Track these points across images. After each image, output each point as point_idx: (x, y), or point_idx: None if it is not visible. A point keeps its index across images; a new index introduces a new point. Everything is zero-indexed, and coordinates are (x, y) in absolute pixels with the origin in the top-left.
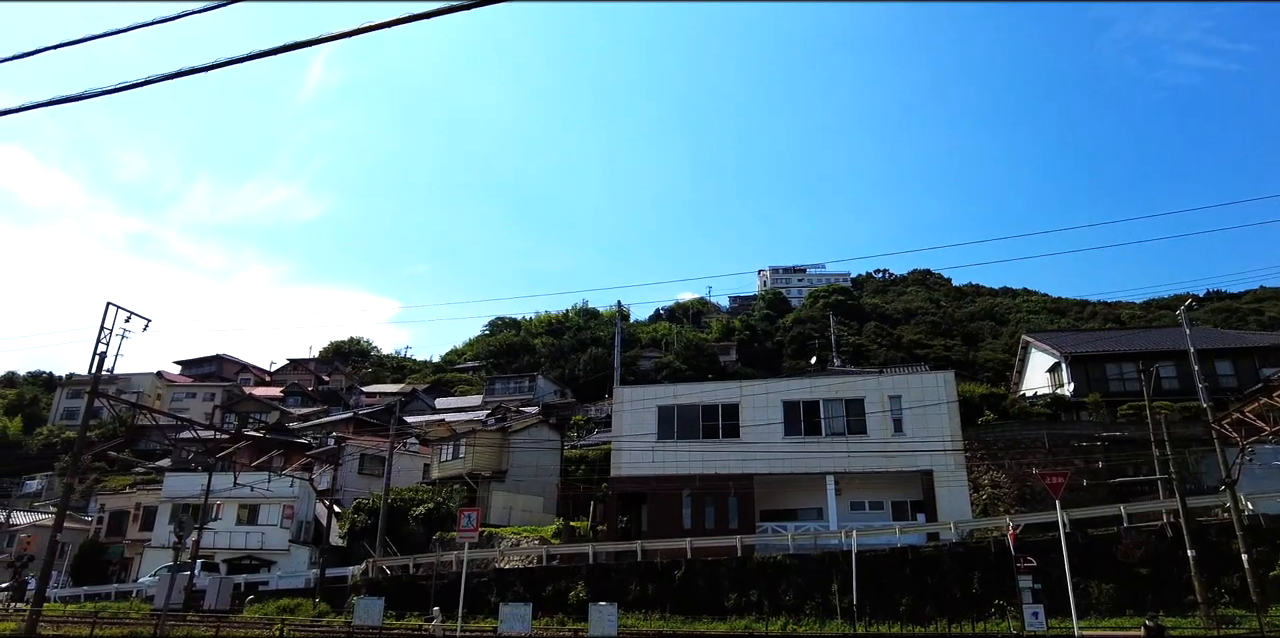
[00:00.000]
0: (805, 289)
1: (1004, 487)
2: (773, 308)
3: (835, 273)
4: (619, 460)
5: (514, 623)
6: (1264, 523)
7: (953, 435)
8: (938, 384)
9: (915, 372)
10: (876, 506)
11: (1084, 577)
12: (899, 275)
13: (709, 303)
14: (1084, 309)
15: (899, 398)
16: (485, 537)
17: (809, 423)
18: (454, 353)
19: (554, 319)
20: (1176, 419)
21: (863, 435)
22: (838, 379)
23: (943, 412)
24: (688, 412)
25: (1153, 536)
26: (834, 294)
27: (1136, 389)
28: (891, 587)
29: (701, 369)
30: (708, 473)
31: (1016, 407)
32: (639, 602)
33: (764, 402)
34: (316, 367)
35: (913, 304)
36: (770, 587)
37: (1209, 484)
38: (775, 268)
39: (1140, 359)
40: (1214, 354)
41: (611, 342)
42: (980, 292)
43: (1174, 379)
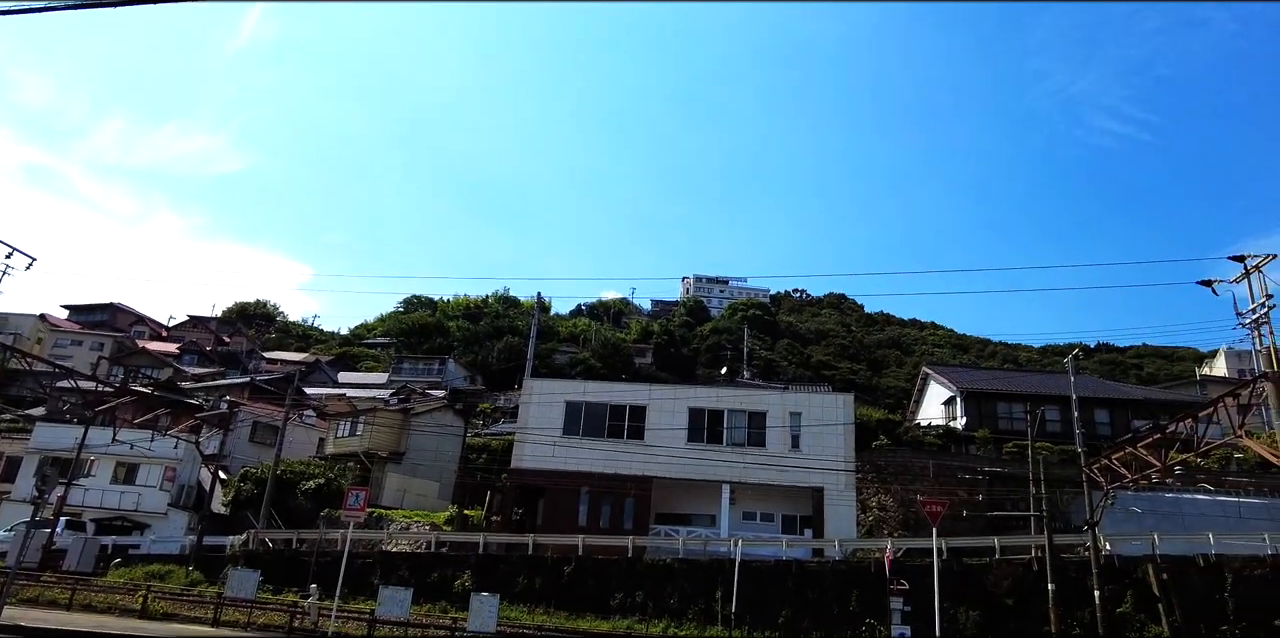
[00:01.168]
0: (726, 301)
1: (890, 510)
2: (693, 316)
3: (756, 288)
4: (521, 452)
5: (392, 607)
6: (1118, 563)
7: (846, 456)
8: (837, 405)
9: (818, 391)
10: (768, 518)
11: (955, 603)
12: (816, 297)
13: (631, 304)
14: (985, 348)
15: (800, 415)
16: (375, 518)
17: (712, 432)
18: (364, 327)
19: (473, 303)
20: (1055, 461)
21: (761, 448)
22: (744, 392)
23: (839, 432)
24: (596, 410)
25: (1021, 568)
26: (752, 309)
27: (1023, 429)
28: (773, 598)
29: (616, 369)
30: (608, 472)
31: (910, 434)
32: (525, 595)
33: (671, 407)
34: (218, 327)
35: (825, 326)
36: (657, 589)
37: (1076, 524)
38: (699, 277)
39: (1029, 401)
40: (1094, 403)
41: (529, 332)
42: (890, 321)
43: (1058, 422)
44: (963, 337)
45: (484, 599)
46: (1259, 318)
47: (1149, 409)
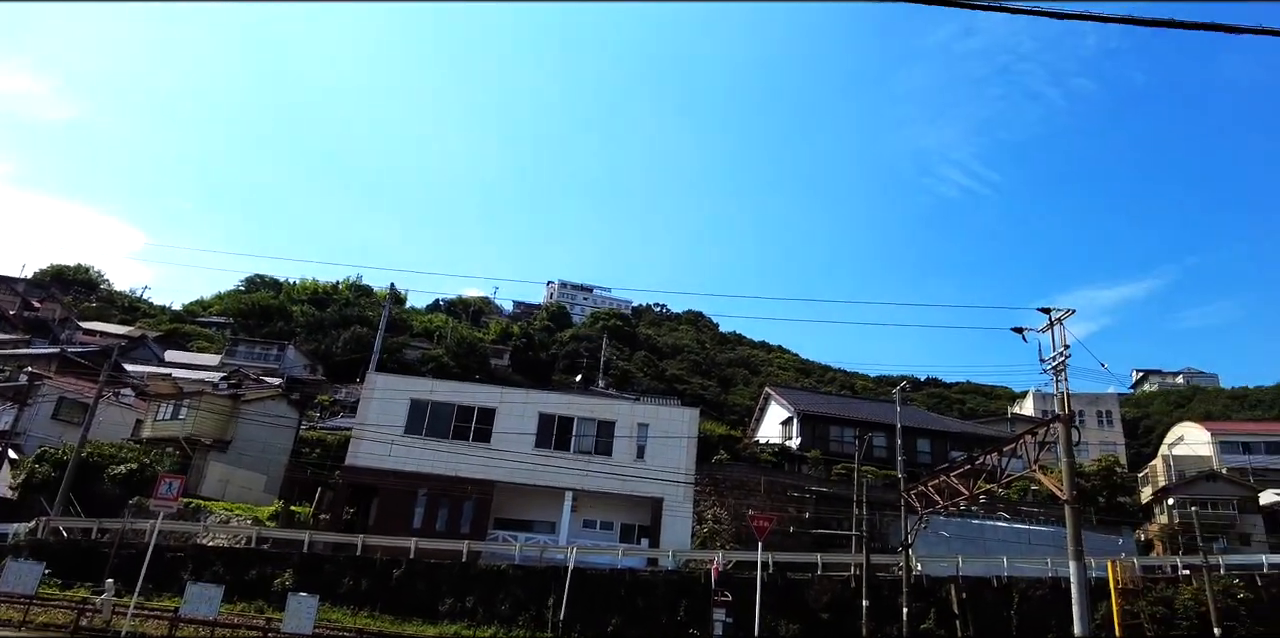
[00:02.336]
0: (589, 308)
1: (724, 523)
2: (554, 321)
3: (619, 299)
4: (358, 449)
5: (200, 605)
6: (926, 583)
7: (687, 469)
8: (684, 419)
9: (667, 404)
10: (607, 526)
11: (777, 615)
12: (675, 313)
13: (492, 304)
14: (826, 373)
15: (647, 426)
16: (191, 509)
17: (560, 438)
18: (199, 304)
19: (321, 288)
20: (878, 484)
21: (608, 457)
22: (596, 400)
23: (683, 445)
24: (442, 409)
25: (840, 584)
26: (614, 319)
27: (853, 452)
28: (605, 606)
29: (470, 369)
30: (449, 474)
31: (748, 451)
32: (350, 597)
33: (522, 411)
34: (27, 289)
35: (682, 341)
36: (489, 595)
37: (893, 545)
38: (565, 283)
39: (860, 426)
40: (918, 432)
41: (379, 323)
42: (742, 341)
43: (884, 448)
44: (807, 362)
45: (302, 599)
46: (1057, 365)
47: (966, 441)
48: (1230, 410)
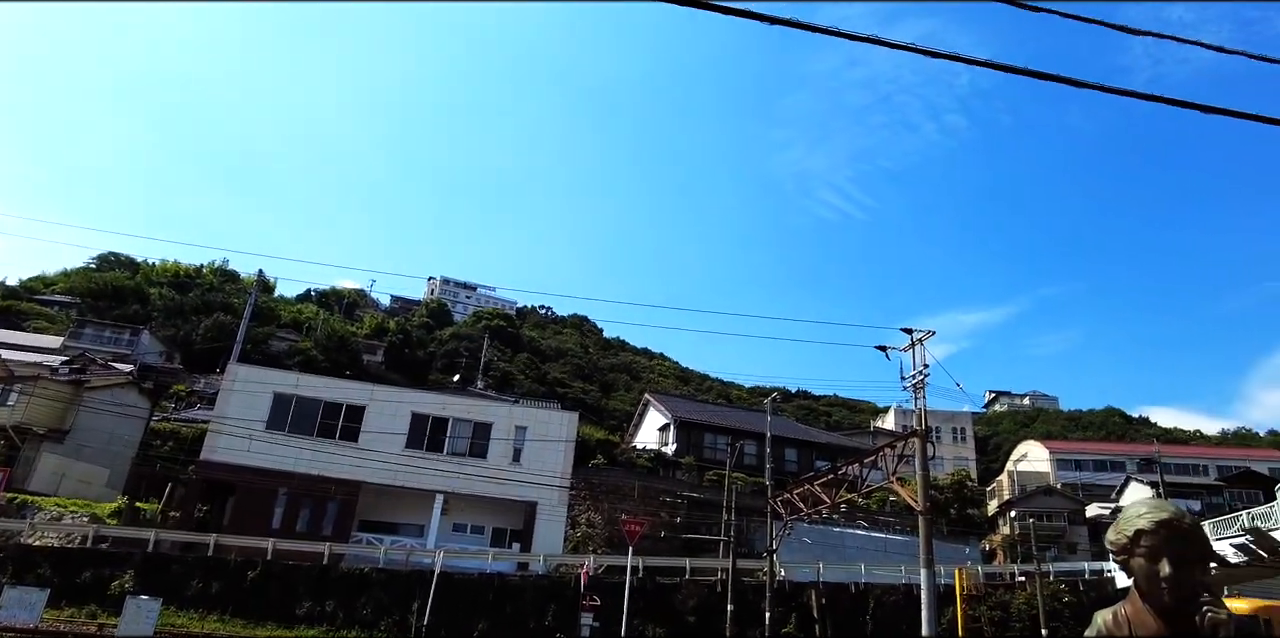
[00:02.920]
0: (471, 307)
1: (598, 528)
2: (434, 318)
3: (504, 299)
4: (215, 443)
5: (18, 611)
6: (788, 588)
7: (564, 473)
8: (562, 423)
9: (546, 408)
10: (478, 530)
11: (645, 619)
12: (560, 316)
13: (368, 297)
14: (705, 382)
15: (525, 429)
16: (15, 505)
17: (433, 439)
18: (41, 280)
19: (183, 271)
20: (748, 491)
21: (482, 460)
22: (473, 401)
23: (560, 449)
24: (308, 405)
25: (707, 588)
26: (497, 319)
27: (725, 459)
28: (472, 611)
29: (341, 365)
30: (313, 473)
31: (625, 456)
32: (199, 600)
33: (393, 410)
34: None
35: (565, 345)
36: (350, 599)
37: (758, 550)
38: (448, 279)
39: (733, 434)
40: (786, 442)
41: (244, 311)
42: (625, 347)
43: (754, 456)
44: (687, 370)
45: (142, 602)
46: (917, 383)
47: (831, 452)
48: (1067, 431)
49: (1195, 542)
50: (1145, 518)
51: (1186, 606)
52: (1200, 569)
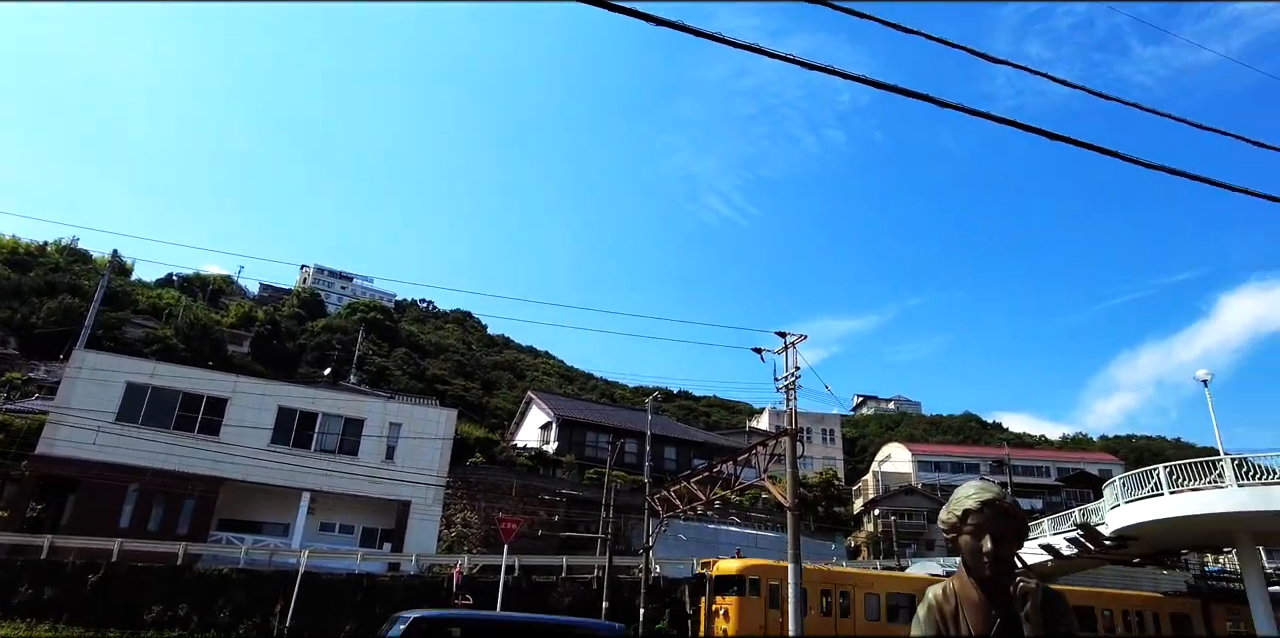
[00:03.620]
0: (346, 298)
1: (474, 527)
2: (306, 308)
3: (381, 291)
4: (55, 435)
5: None
6: (663, 584)
7: (440, 471)
8: (440, 420)
9: (423, 404)
10: (347, 529)
11: None
12: (442, 310)
13: (235, 284)
14: (589, 381)
15: (400, 426)
16: None
17: (301, 434)
18: None
19: (24, 248)
20: (627, 489)
21: (353, 457)
22: (345, 396)
23: (437, 447)
24: (165, 396)
25: (583, 586)
26: (374, 311)
27: (606, 457)
28: (339, 613)
29: (203, 355)
30: (169, 469)
31: (505, 454)
32: (29, 608)
33: (259, 403)
34: None
35: (447, 341)
36: (207, 602)
37: (635, 547)
38: (322, 268)
39: (614, 433)
40: (666, 440)
41: (95, 293)
42: (509, 345)
43: (635, 455)
44: (571, 369)
45: None
46: (789, 384)
47: (709, 451)
48: (928, 434)
49: (1014, 520)
50: (972, 499)
51: (1004, 578)
52: (1018, 545)
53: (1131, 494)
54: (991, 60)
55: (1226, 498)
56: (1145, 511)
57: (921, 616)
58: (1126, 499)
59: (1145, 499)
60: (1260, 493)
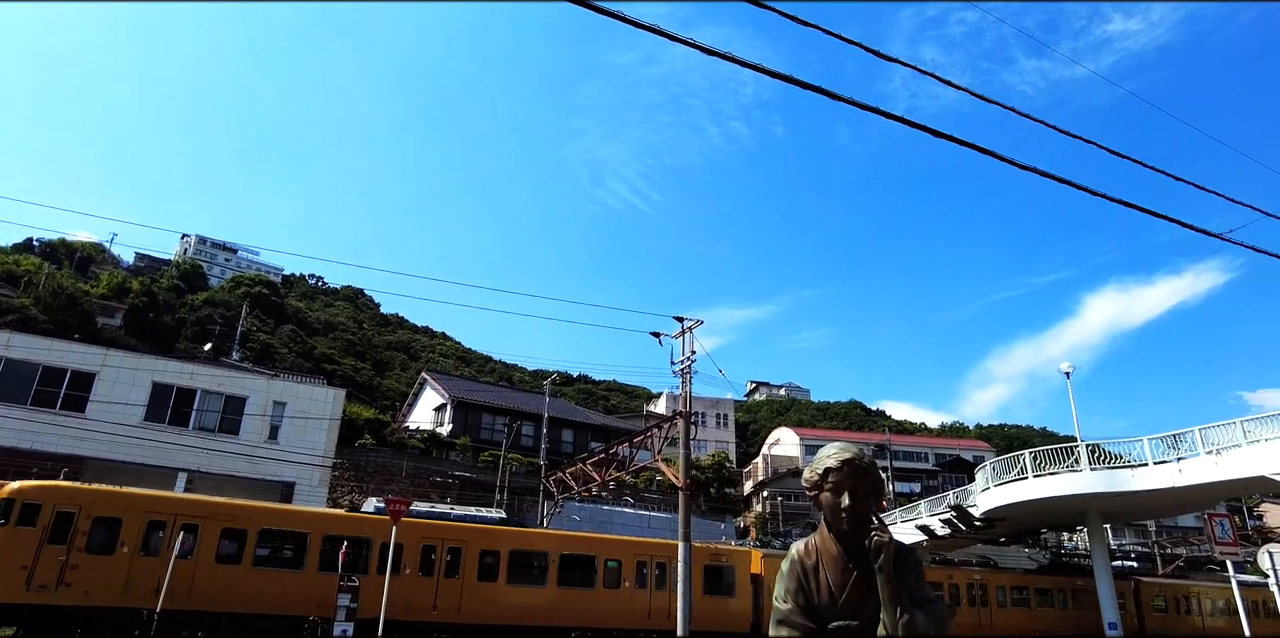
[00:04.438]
0: (230, 271)
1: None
2: (186, 280)
3: (269, 264)
4: None
5: None
6: None
7: (327, 452)
8: (327, 400)
9: (310, 383)
10: None
11: None
12: (333, 287)
13: (107, 252)
14: (487, 364)
15: (285, 405)
16: None
17: (178, 412)
18: None
19: None
20: (523, 471)
21: (234, 436)
22: (226, 372)
23: (324, 427)
24: (21, 370)
25: None
26: (260, 286)
27: (502, 439)
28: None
29: (69, 327)
30: (24, 447)
31: (396, 436)
32: None
33: (131, 378)
34: None
35: (337, 318)
36: None
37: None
38: (204, 238)
39: (511, 416)
40: (563, 423)
41: None
42: (404, 325)
43: (531, 437)
44: (469, 351)
45: None
46: (684, 368)
47: (606, 434)
48: (816, 420)
49: (870, 477)
50: (833, 458)
51: (860, 531)
52: (874, 501)
53: (1000, 478)
54: (885, 58)
55: (1081, 481)
56: (1011, 493)
57: (785, 569)
58: (995, 483)
59: (1012, 483)
60: (1109, 476)
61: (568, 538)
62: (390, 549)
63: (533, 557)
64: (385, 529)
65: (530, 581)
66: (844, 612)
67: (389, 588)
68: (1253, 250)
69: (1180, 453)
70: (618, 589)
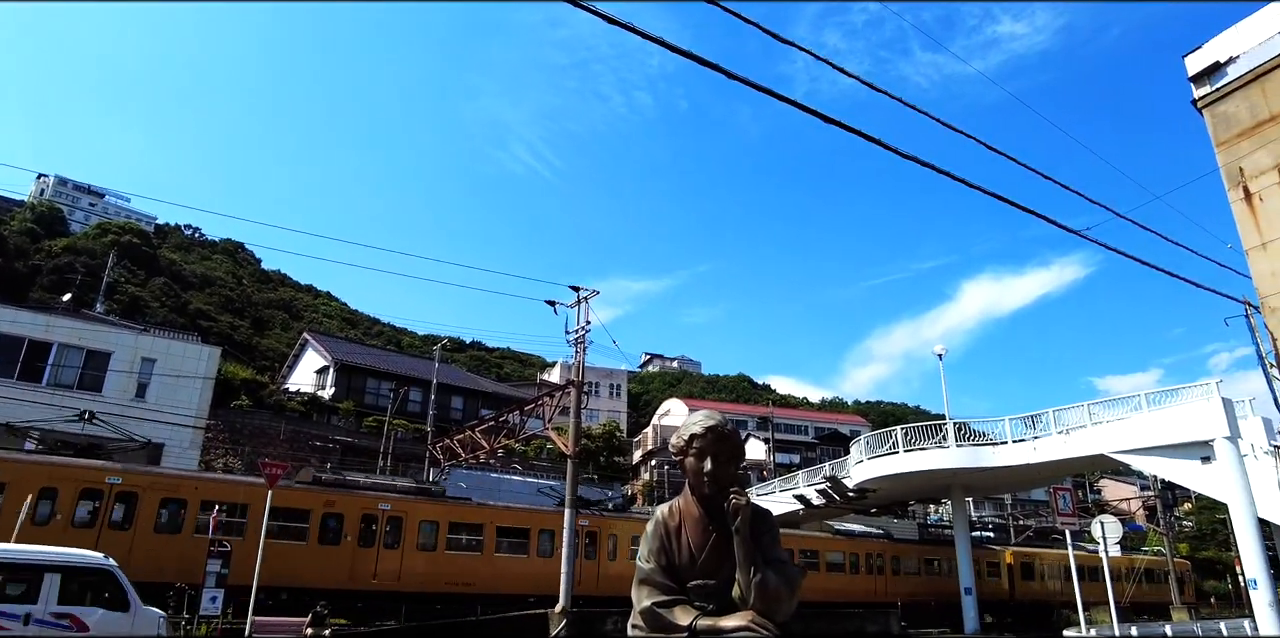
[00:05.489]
0: (96, 217)
1: (236, 472)
2: (43, 225)
3: (140, 212)
4: None
5: None
6: None
7: (199, 412)
8: (201, 358)
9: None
10: None
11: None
12: (210, 239)
13: None
14: (375, 326)
15: (154, 362)
16: None
17: (31, 367)
18: None
19: None
20: (409, 437)
21: (97, 393)
22: (88, 326)
23: (197, 386)
24: None
25: None
26: (129, 234)
27: (388, 405)
28: None
29: None
30: None
31: (275, 398)
32: None
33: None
34: None
35: (215, 273)
36: None
37: None
38: (65, 180)
39: (398, 380)
40: (453, 390)
41: None
42: (286, 282)
43: (419, 403)
44: (355, 312)
45: None
46: (578, 338)
47: (497, 402)
48: (706, 393)
49: (732, 444)
50: (698, 425)
51: (721, 495)
52: (735, 466)
53: (873, 452)
54: (781, 40)
55: (947, 456)
56: (883, 466)
57: (649, 530)
58: (869, 456)
59: (884, 456)
60: (972, 453)
61: (504, 511)
62: (265, 515)
63: (469, 528)
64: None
65: (468, 549)
66: (703, 571)
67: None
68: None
69: (1036, 433)
70: (550, 558)
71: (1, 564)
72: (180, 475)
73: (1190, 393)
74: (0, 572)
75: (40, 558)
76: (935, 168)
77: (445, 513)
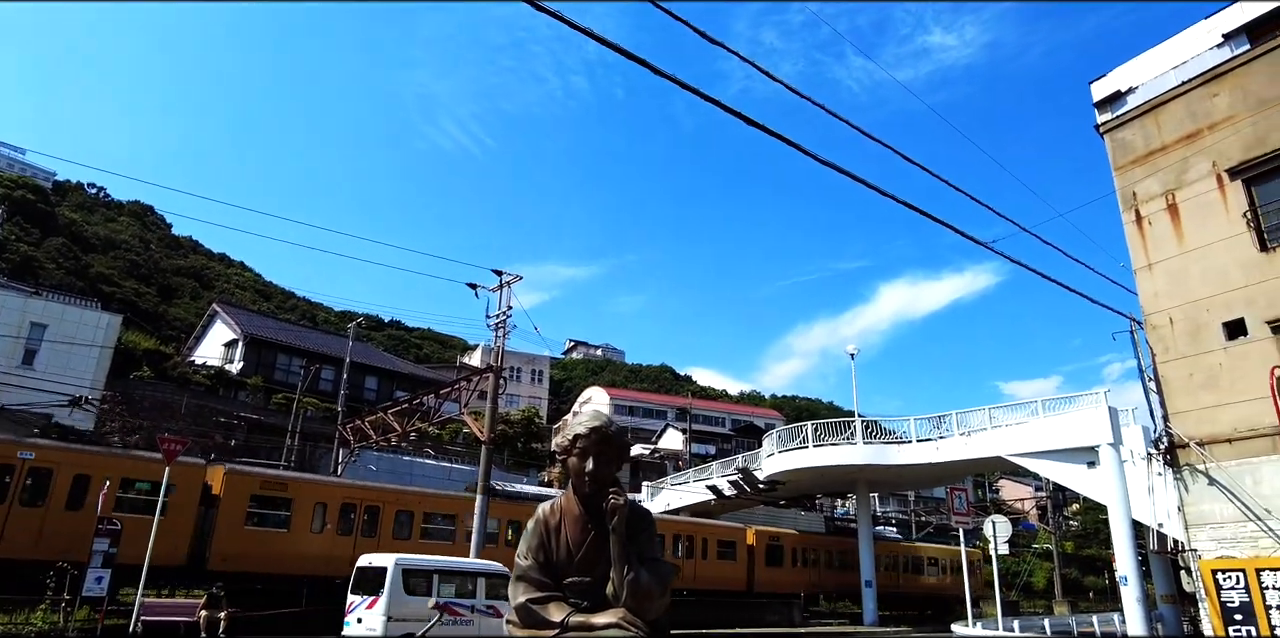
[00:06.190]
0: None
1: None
2: None
3: (37, 166)
4: None
5: None
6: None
7: (94, 383)
8: (100, 325)
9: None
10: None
11: None
12: (117, 201)
13: None
14: (289, 300)
15: (46, 328)
16: None
17: None
18: None
19: None
20: (319, 416)
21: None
22: None
23: (94, 354)
24: None
25: None
26: (22, 189)
27: (298, 382)
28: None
29: None
30: None
31: (179, 370)
32: None
33: None
34: None
35: (120, 236)
36: None
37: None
38: None
39: (310, 357)
40: (367, 369)
41: None
42: (198, 250)
43: (331, 382)
44: (269, 284)
45: None
46: (500, 322)
47: (414, 383)
48: (628, 381)
49: (614, 445)
50: (583, 425)
51: (601, 494)
52: (616, 467)
53: (784, 445)
54: (709, 40)
55: (854, 452)
56: (793, 460)
57: (530, 527)
58: (780, 449)
59: (794, 450)
60: (879, 450)
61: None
62: (162, 490)
63: (442, 517)
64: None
65: (441, 537)
66: (580, 569)
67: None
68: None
69: (940, 433)
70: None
71: (459, 572)
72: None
73: (1082, 401)
74: (458, 577)
75: (477, 568)
76: (852, 176)
77: (420, 503)
